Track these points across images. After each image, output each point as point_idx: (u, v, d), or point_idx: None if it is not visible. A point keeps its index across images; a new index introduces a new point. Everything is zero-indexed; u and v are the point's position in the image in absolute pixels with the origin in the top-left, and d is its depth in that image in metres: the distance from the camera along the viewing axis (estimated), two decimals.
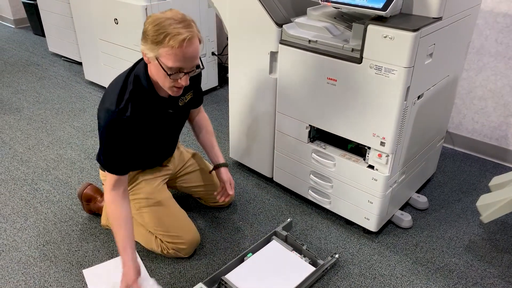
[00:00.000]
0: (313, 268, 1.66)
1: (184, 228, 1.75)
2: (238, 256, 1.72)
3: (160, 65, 1.36)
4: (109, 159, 1.51)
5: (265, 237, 1.81)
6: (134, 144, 1.54)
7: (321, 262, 1.68)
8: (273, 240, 1.81)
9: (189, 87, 1.62)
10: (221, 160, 1.86)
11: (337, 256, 1.75)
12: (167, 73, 1.38)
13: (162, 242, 1.74)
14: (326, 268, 1.69)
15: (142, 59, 1.50)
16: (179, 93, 1.48)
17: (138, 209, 1.74)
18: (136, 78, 1.49)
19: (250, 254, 1.74)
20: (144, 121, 1.51)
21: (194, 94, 1.74)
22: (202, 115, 1.90)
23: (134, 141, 1.53)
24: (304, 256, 1.74)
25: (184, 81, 1.42)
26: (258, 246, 1.77)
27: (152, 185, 1.75)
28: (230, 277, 1.63)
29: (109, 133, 1.46)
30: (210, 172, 1.93)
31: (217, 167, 1.86)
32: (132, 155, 1.56)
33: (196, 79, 1.69)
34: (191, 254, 1.79)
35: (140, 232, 1.79)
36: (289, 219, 1.91)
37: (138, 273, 1.48)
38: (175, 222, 1.74)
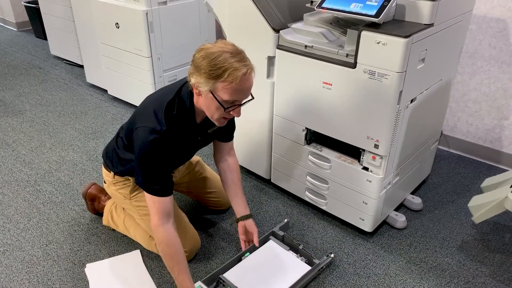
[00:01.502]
0: (309, 267, 1.70)
1: (186, 236, 1.75)
2: (236, 256, 1.76)
3: (215, 98, 1.37)
4: (154, 180, 1.47)
5: (263, 237, 1.85)
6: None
7: (316, 261, 1.72)
8: (270, 240, 1.85)
9: None
10: (248, 211, 1.77)
11: (332, 255, 1.78)
12: (222, 106, 1.38)
13: None
14: (321, 267, 1.73)
15: (184, 84, 1.51)
16: (225, 123, 1.50)
17: (141, 215, 1.77)
18: (181, 102, 1.49)
19: (248, 253, 1.77)
20: (175, 144, 1.51)
21: (227, 124, 1.62)
22: (234, 160, 1.82)
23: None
24: (300, 256, 1.77)
25: (236, 112, 1.43)
26: (256, 246, 1.81)
27: None
28: (228, 276, 1.66)
29: (153, 152, 1.44)
30: (237, 222, 1.78)
31: (244, 218, 1.75)
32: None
33: None
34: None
35: (141, 234, 1.83)
36: (286, 220, 1.95)
37: None
38: (177, 230, 1.75)
